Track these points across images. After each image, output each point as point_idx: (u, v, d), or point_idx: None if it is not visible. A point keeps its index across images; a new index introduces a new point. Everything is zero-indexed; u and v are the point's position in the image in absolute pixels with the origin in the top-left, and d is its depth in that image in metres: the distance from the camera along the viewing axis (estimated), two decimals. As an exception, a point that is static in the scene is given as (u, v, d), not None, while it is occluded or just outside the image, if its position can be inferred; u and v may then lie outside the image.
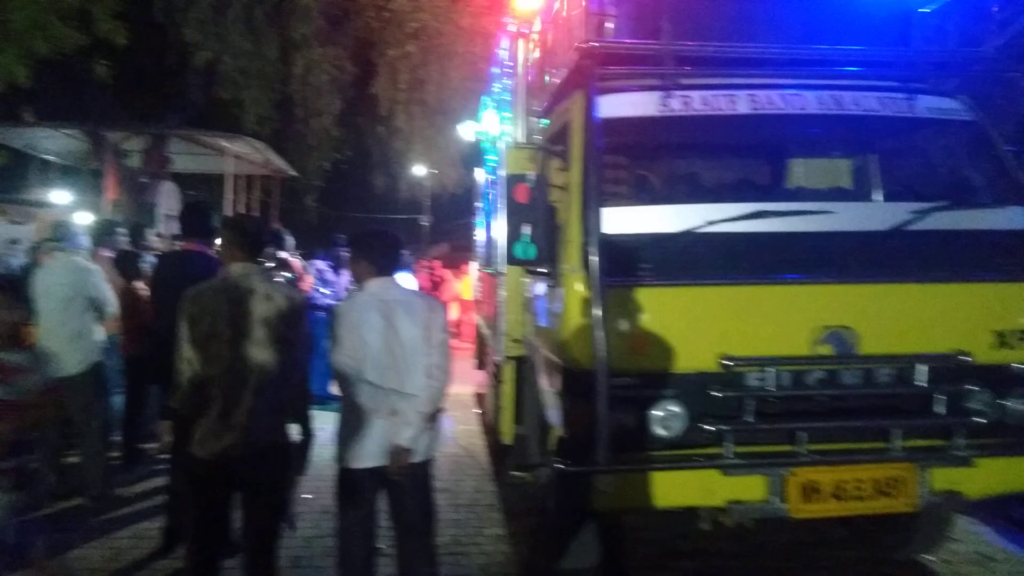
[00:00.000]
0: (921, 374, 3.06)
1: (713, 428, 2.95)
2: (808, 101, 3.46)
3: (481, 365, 7.85)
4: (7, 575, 3.43)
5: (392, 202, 23.05)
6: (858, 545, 4.21)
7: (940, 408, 3.06)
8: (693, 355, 3.01)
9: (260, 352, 2.85)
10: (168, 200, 14.25)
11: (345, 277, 8.32)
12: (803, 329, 3.06)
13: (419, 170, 18.58)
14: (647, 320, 3.04)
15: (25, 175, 15.16)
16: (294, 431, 3.03)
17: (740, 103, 3.39)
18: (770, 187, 4.27)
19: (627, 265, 3.05)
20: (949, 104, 3.59)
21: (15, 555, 3.39)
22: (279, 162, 15.27)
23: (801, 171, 4.52)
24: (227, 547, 2.99)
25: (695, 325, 3.05)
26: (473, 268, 10.42)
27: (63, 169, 15.73)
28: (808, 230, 3.22)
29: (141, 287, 5.68)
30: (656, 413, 3.03)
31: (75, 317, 4.76)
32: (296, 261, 7.93)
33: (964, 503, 3.16)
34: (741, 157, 4.31)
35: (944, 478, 3.06)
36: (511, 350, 4.89)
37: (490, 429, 6.69)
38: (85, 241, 5.16)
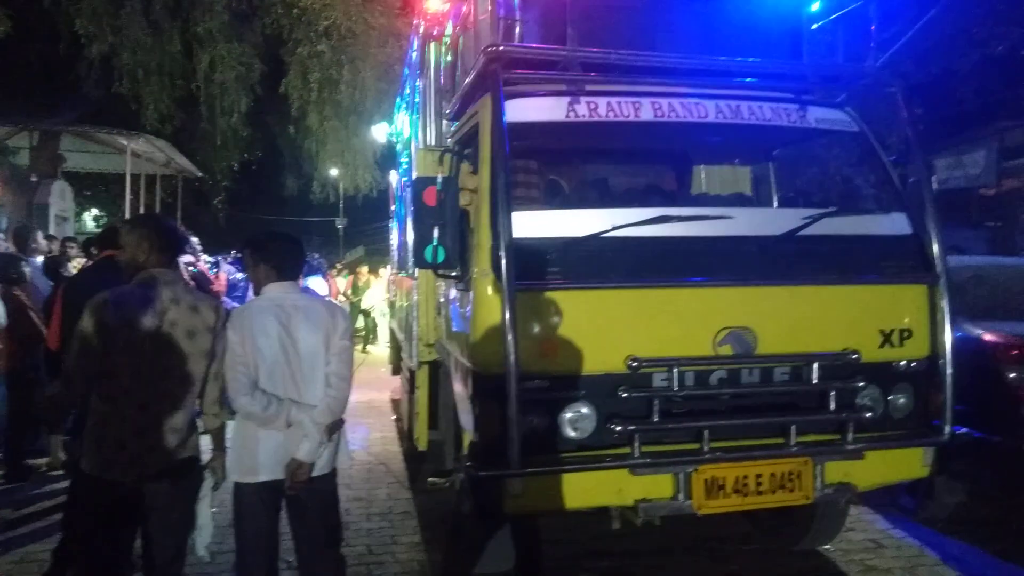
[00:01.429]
0: (815, 372, 3.21)
1: (621, 428, 3.00)
2: (708, 110, 3.58)
3: (396, 371, 7.76)
4: None
5: (305, 204, 22.52)
6: (761, 538, 4.40)
7: (833, 404, 3.22)
8: (602, 357, 3.06)
9: (184, 365, 2.69)
10: (60, 201, 13.44)
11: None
12: (705, 330, 3.16)
13: (333, 172, 18.19)
14: (556, 323, 3.06)
15: None
16: (205, 444, 2.89)
17: (644, 110, 3.47)
18: (674, 193, 4.39)
19: (536, 269, 3.07)
20: (837, 116, 3.79)
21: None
22: (183, 162, 14.67)
23: (704, 178, 4.68)
24: (125, 568, 2.82)
25: (603, 327, 3.10)
26: (387, 272, 10.29)
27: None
28: (709, 234, 3.32)
29: (21, 293, 5.32)
30: (566, 415, 3.06)
31: None
32: (203, 264, 7.61)
33: (856, 493, 3.33)
34: (646, 163, 4.42)
35: (837, 471, 3.22)
36: (424, 355, 4.85)
37: (406, 436, 6.61)
38: None
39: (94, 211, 23.11)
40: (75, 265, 6.59)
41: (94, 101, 13.58)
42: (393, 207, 8.12)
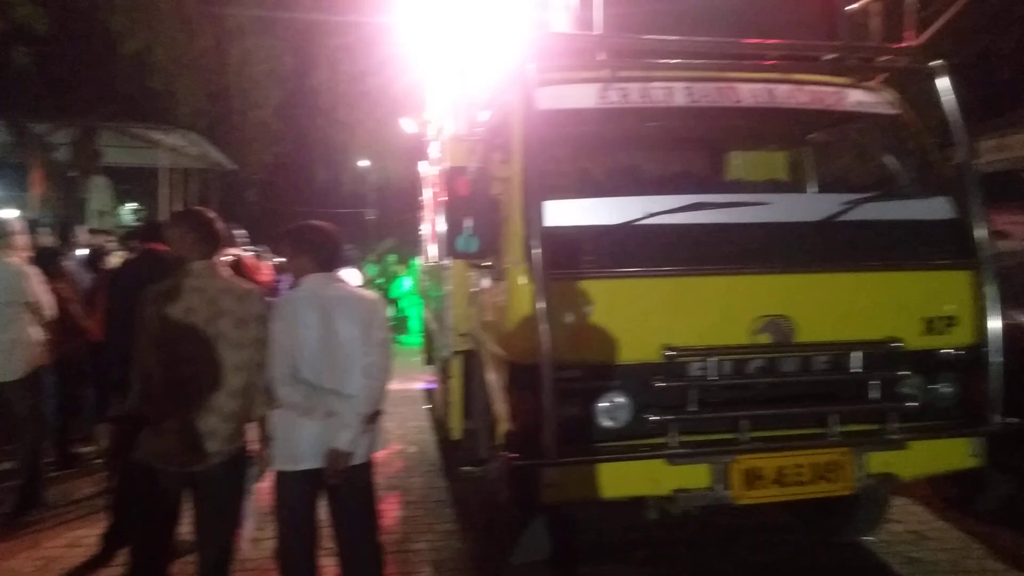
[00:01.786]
0: (856, 361, 3.14)
1: (658, 418, 2.98)
2: (742, 94, 3.51)
3: (429, 360, 7.80)
4: None
5: (336, 195, 22.72)
6: (801, 528, 4.34)
7: (874, 393, 3.15)
8: (637, 346, 3.04)
9: (234, 354, 2.74)
10: (100, 195, 13.72)
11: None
12: (742, 319, 3.11)
13: (363, 163, 18.32)
14: (590, 312, 3.04)
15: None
16: (253, 433, 2.94)
17: (676, 95, 3.42)
18: (708, 179, 4.34)
19: (569, 257, 3.05)
20: (875, 97, 3.70)
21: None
22: (217, 155, 14.87)
23: (739, 163, 4.60)
24: (172, 552, 2.90)
25: (638, 316, 3.07)
26: (419, 262, 10.32)
27: (-16, 163, 14.97)
28: (745, 221, 3.27)
29: (63, 287, 5.44)
30: (602, 404, 3.04)
31: (13, 321, 4.55)
32: (249, 256, 7.69)
33: (899, 484, 3.27)
34: (679, 149, 4.35)
35: (879, 461, 3.15)
36: (458, 344, 4.86)
37: (439, 425, 6.65)
38: (21, 240, 4.87)
39: (132, 204, 23.57)
40: (115, 258, 6.73)
41: (130, 97, 13.84)
42: (424, 197, 8.14)
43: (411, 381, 8.86)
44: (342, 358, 2.88)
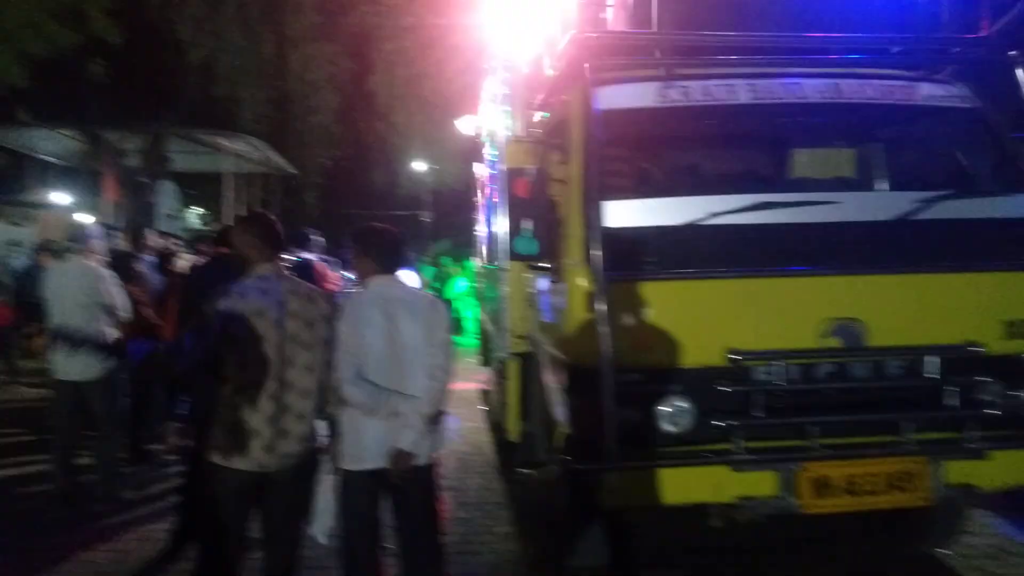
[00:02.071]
0: (932, 366, 3.01)
1: (722, 423, 2.91)
2: (809, 90, 3.41)
3: (485, 361, 7.82)
4: None
5: (393, 198, 23.00)
6: (872, 539, 4.17)
7: (952, 400, 3.01)
8: (699, 349, 2.98)
9: (304, 355, 2.80)
10: (168, 200, 14.23)
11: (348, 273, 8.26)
12: (810, 321, 3.02)
13: (419, 165, 18.53)
14: (652, 314, 3.00)
15: (24, 176, 15.11)
16: (322, 430, 2.99)
17: (740, 92, 3.35)
18: (773, 177, 4.21)
19: (630, 259, 3.01)
20: (949, 90, 3.54)
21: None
22: (278, 160, 15.25)
23: (804, 161, 4.46)
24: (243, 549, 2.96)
25: (700, 319, 3.01)
26: (474, 263, 10.37)
27: (62, 170, 15.70)
28: (813, 221, 3.17)
29: (136, 289, 5.65)
30: (664, 409, 2.99)
31: (93, 323, 4.75)
32: (321, 262, 7.84)
33: (979, 496, 3.12)
34: (742, 148, 4.24)
35: (958, 471, 3.01)
36: (515, 346, 4.85)
37: (495, 426, 6.66)
38: (99, 245, 5.09)
39: (197, 208, 24.37)
40: (182, 261, 6.96)
41: (196, 104, 14.32)
42: (479, 199, 8.17)
43: (467, 381, 8.91)
44: (405, 359, 2.90)
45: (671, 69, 3.30)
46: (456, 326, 14.87)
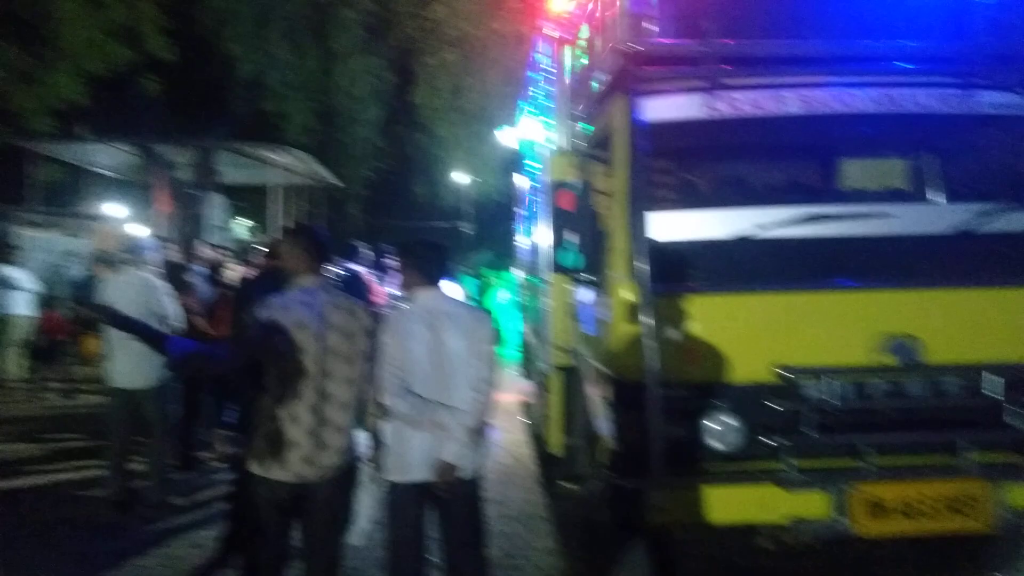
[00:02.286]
0: (992, 384, 2.90)
1: (771, 441, 2.85)
2: (862, 99, 3.33)
3: (527, 373, 7.80)
4: None
5: (434, 209, 23.20)
6: (931, 565, 4.01)
7: (1015, 420, 2.89)
8: (747, 365, 2.92)
9: (344, 368, 2.82)
10: (217, 212, 14.56)
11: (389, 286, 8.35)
12: (863, 338, 2.94)
13: (460, 177, 18.67)
14: (698, 329, 2.95)
15: (80, 189, 15.65)
16: (362, 441, 3.01)
17: (790, 103, 3.29)
18: (822, 189, 4.13)
19: (676, 272, 2.98)
20: (1012, 100, 3.42)
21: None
22: (323, 172, 15.49)
23: (855, 172, 4.36)
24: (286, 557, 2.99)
25: (749, 334, 2.95)
26: (516, 274, 10.37)
27: (116, 183, 16.22)
28: (865, 234, 3.09)
29: (189, 300, 5.79)
30: (710, 425, 2.95)
31: None
32: (369, 274, 7.96)
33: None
34: (791, 159, 4.16)
35: (1022, 496, 2.89)
36: (558, 359, 4.83)
37: (537, 438, 6.63)
38: (154, 256, 5.23)
39: (246, 220, 24.92)
40: (231, 271, 7.12)
41: (244, 119, 14.69)
42: (520, 211, 8.19)
43: (508, 393, 8.90)
44: (450, 371, 2.91)
45: (718, 79, 3.26)
46: (497, 337, 14.93)
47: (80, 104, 11.48)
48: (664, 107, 3.24)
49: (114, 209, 13.90)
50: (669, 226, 3.04)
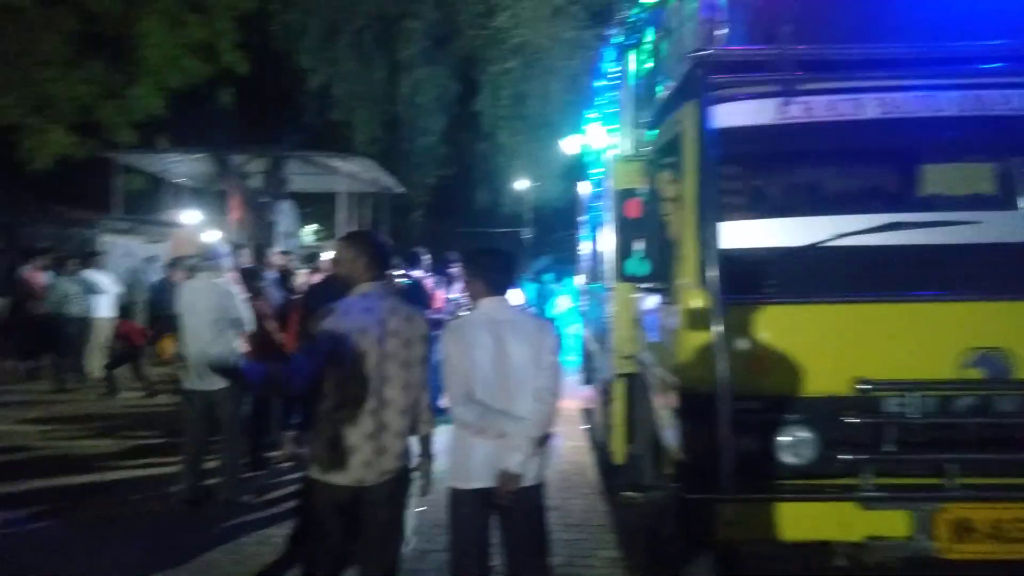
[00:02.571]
0: (1089, 401, 2.73)
1: (849, 457, 2.75)
2: (944, 102, 3.20)
3: (587, 380, 7.76)
4: None
5: (496, 216, 23.35)
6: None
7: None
8: (823, 378, 2.83)
9: (402, 373, 2.84)
10: (286, 219, 15.01)
11: (453, 293, 8.41)
12: (948, 351, 2.81)
13: (521, 184, 18.74)
14: (771, 339, 2.88)
15: (159, 198, 16.38)
16: (414, 448, 3.04)
17: (867, 107, 3.17)
18: (901, 196, 3.97)
19: (748, 281, 2.91)
20: None
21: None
22: (387, 180, 15.80)
23: (937, 178, 4.18)
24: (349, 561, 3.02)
25: (825, 345, 2.86)
26: (578, 281, 10.34)
27: (192, 191, 16.91)
28: (949, 242, 2.96)
29: (261, 304, 5.96)
30: (783, 438, 2.86)
31: (221, 337, 5.06)
32: (429, 280, 8.05)
33: None
34: (869, 165, 4.01)
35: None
36: (621, 367, 4.78)
37: (598, 445, 6.58)
38: (228, 262, 5.42)
39: (313, 226, 25.61)
40: (300, 277, 7.32)
41: (313, 128, 15.12)
42: (583, 217, 8.16)
43: (569, 400, 8.86)
44: (513, 380, 2.91)
45: (791, 84, 3.17)
46: (560, 346, 14.88)
47: (160, 117, 12.02)
48: (736, 113, 3.18)
49: (190, 216, 14.47)
50: (740, 234, 2.98)
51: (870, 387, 2.75)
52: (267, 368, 3.03)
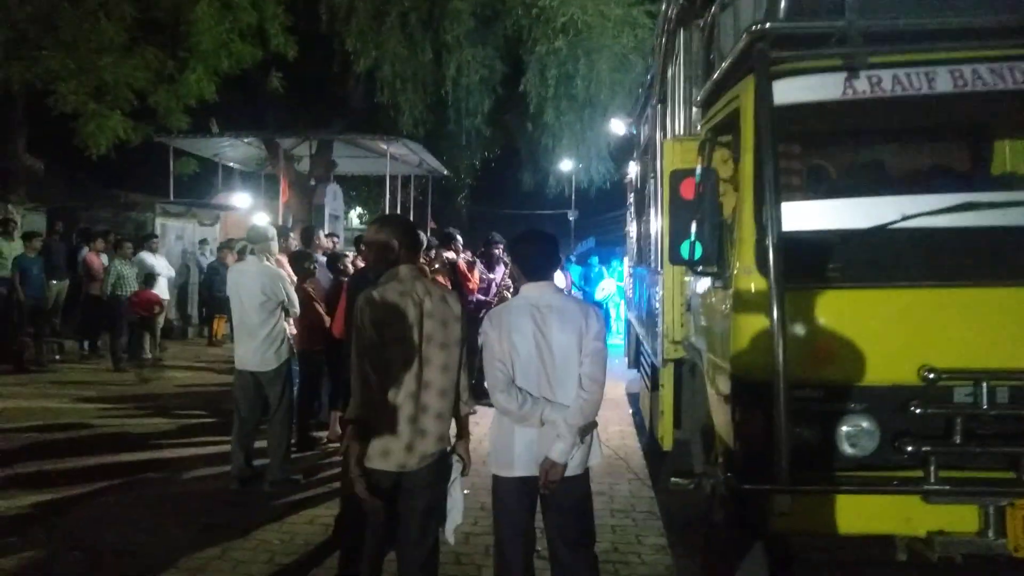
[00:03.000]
0: None
1: (914, 448, 2.63)
2: (1022, 75, 2.99)
3: (633, 363, 7.66)
4: None
5: (540, 197, 23.23)
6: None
7: None
8: (887, 365, 2.70)
9: (441, 355, 2.82)
10: (333, 201, 15.18)
11: (498, 275, 8.38)
12: (1022, 337, 2.65)
13: (566, 165, 18.57)
14: (832, 325, 2.76)
15: (211, 181, 16.72)
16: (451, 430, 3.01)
17: (939, 80, 2.99)
18: (974, 175, 3.77)
19: (807, 265, 2.79)
20: None
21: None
22: (432, 162, 15.83)
23: (1012, 155, 3.95)
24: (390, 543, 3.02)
25: (889, 332, 2.73)
26: (624, 264, 10.21)
27: (243, 175, 17.22)
28: None
29: (310, 286, 6.03)
30: (843, 429, 2.75)
31: (269, 319, 5.12)
32: (462, 262, 8.05)
33: None
34: (936, 141, 3.80)
35: None
36: (670, 352, 4.69)
37: (645, 431, 6.50)
38: (275, 246, 5.45)
39: (358, 209, 25.88)
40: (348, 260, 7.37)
41: (360, 111, 15.19)
42: (631, 200, 8.02)
43: (614, 384, 8.77)
44: (556, 367, 2.83)
45: (861, 58, 3.00)
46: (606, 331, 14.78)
47: (211, 101, 12.22)
48: (796, 88, 3.03)
49: (240, 199, 14.74)
50: (800, 216, 2.85)
51: (938, 375, 2.61)
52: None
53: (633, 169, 7.90)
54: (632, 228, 7.95)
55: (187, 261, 13.59)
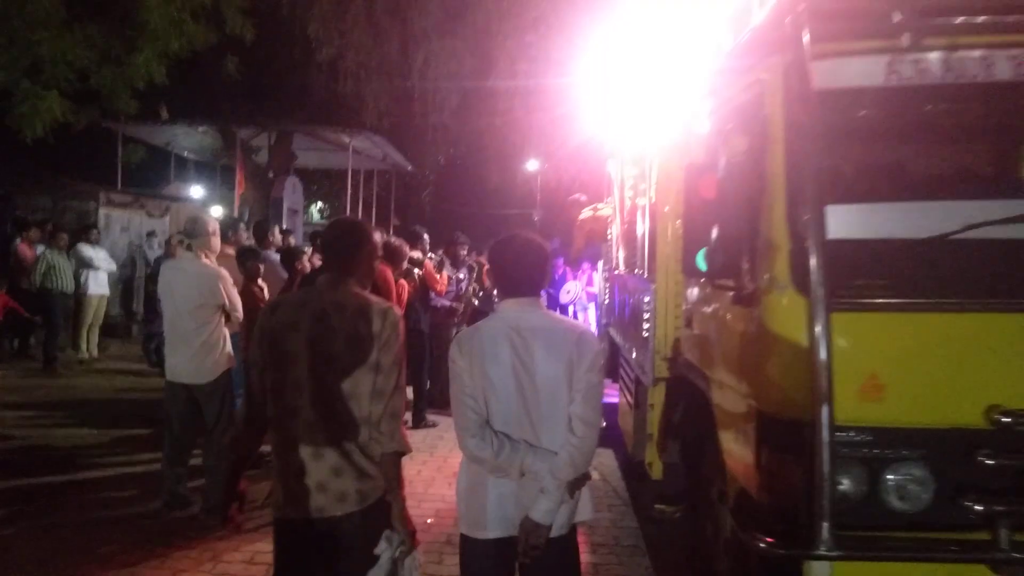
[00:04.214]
0: None
1: (980, 506, 2.18)
2: None
3: (612, 376, 7.18)
4: None
5: (506, 197, 22.76)
6: None
7: None
8: (947, 405, 2.27)
9: (347, 382, 2.25)
10: (292, 195, 14.50)
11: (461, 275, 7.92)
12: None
13: (534, 164, 18.16)
14: (881, 355, 2.31)
15: (161, 170, 15.84)
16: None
17: (999, 66, 2.56)
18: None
19: (847, 282, 2.33)
20: None
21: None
22: (396, 157, 15.27)
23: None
24: None
25: (951, 364, 2.29)
26: (601, 269, 9.75)
27: (197, 165, 16.39)
28: None
29: (257, 289, 5.43)
30: (890, 478, 2.30)
31: (207, 324, 4.51)
32: (429, 262, 7.52)
33: None
34: (1001, 137, 3.31)
35: None
36: (662, 370, 4.22)
37: (625, 450, 6.04)
38: (216, 242, 4.71)
39: (319, 204, 25.09)
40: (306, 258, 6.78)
41: (321, 102, 14.50)
42: (610, 199, 7.56)
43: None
44: (540, 405, 2.25)
45: (903, 37, 2.55)
46: (603, 362, 14.27)
47: (161, 84, 11.44)
48: (834, 73, 2.57)
49: (194, 191, 13.95)
50: (838, 222, 2.38)
51: (1012, 420, 2.17)
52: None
53: (613, 168, 7.44)
54: (612, 229, 7.48)
55: (133, 254, 12.76)
